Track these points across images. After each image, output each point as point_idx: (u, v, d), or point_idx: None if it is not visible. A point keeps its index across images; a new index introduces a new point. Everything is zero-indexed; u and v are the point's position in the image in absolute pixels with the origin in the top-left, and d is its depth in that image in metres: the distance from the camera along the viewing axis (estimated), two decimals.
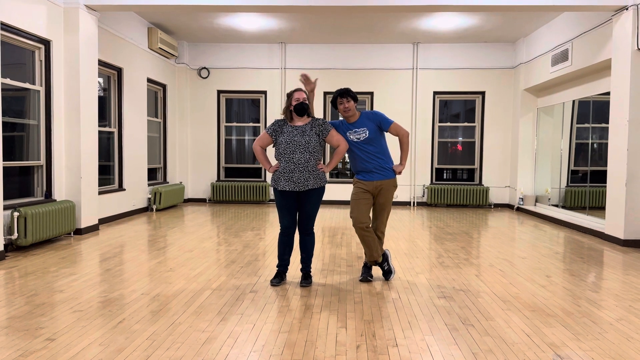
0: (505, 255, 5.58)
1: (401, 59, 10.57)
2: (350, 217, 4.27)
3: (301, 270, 4.35)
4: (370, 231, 4.26)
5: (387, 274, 4.44)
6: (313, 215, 4.20)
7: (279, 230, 4.25)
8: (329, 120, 9.51)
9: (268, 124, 4.24)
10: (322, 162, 4.25)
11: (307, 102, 4.13)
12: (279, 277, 4.28)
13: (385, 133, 4.32)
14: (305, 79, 4.21)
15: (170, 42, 9.63)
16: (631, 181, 6.26)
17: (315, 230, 7.15)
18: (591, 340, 3.05)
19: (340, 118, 4.45)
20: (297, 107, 4.10)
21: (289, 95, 4.15)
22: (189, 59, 10.78)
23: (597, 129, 7.69)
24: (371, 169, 4.25)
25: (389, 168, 4.28)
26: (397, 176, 10.77)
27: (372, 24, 9.02)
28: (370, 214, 4.33)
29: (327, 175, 10.97)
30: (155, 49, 9.24)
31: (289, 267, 4.73)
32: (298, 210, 4.23)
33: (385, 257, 4.45)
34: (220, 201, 10.92)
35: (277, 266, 4.34)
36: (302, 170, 4.07)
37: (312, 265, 4.92)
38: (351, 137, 4.26)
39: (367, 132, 4.21)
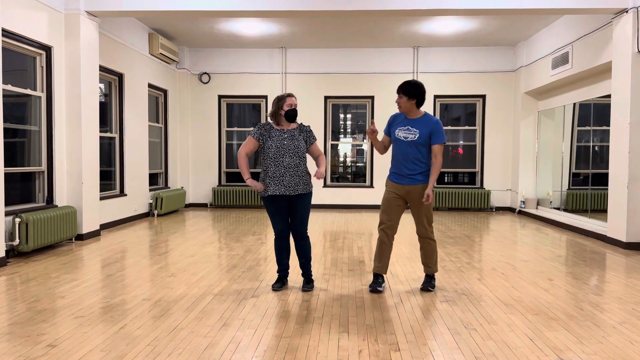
0: (508, 259, 5.56)
1: (401, 62, 10.59)
2: (380, 219, 4.17)
3: (302, 275, 4.34)
4: (391, 242, 4.16)
5: (378, 286, 4.19)
6: (305, 220, 4.18)
7: (274, 236, 4.23)
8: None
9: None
10: (320, 169, 4.20)
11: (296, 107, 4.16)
12: (280, 282, 4.27)
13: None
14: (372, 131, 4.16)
15: (171, 48, 9.66)
16: (633, 183, 6.25)
17: (310, 234, 7.14)
18: (594, 344, 3.04)
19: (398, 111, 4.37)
20: (290, 113, 4.08)
21: (281, 99, 4.10)
22: (190, 64, 10.81)
23: (598, 132, 7.69)
24: (405, 173, 4.10)
25: (423, 175, 4.09)
26: None
27: (373, 28, 9.04)
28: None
29: (328, 178, 10.97)
30: (156, 55, 9.26)
31: (289, 271, 4.71)
32: (290, 216, 4.21)
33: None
34: (221, 206, 10.92)
35: (277, 271, 4.33)
36: (293, 174, 4.05)
37: (312, 270, 4.92)
38: (399, 133, 4.12)
39: (418, 135, 4.06)
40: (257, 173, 11.05)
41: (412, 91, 4.05)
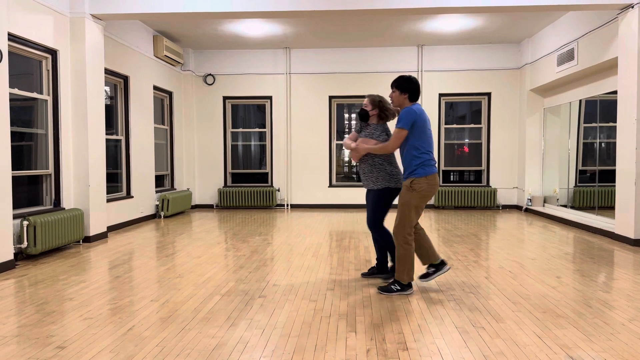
0: (515, 257, 5.54)
1: (406, 61, 10.57)
2: None
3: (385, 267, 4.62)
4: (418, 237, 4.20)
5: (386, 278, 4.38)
6: (369, 212, 4.47)
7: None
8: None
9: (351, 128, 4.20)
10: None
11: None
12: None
13: (410, 133, 3.93)
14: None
15: (175, 50, 9.69)
16: None
17: (315, 234, 7.15)
18: (603, 341, 3.02)
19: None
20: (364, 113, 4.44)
21: (383, 100, 4.37)
22: (195, 66, 10.84)
23: (605, 128, 7.64)
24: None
25: (406, 172, 4.01)
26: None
27: (377, 27, 9.03)
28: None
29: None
30: (161, 57, 9.30)
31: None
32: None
33: (389, 269, 4.37)
34: (227, 207, 10.94)
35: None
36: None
37: (321, 269, 4.94)
38: None
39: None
40: (264, 173, 11.06)
41: (399, 83, 4.04)
